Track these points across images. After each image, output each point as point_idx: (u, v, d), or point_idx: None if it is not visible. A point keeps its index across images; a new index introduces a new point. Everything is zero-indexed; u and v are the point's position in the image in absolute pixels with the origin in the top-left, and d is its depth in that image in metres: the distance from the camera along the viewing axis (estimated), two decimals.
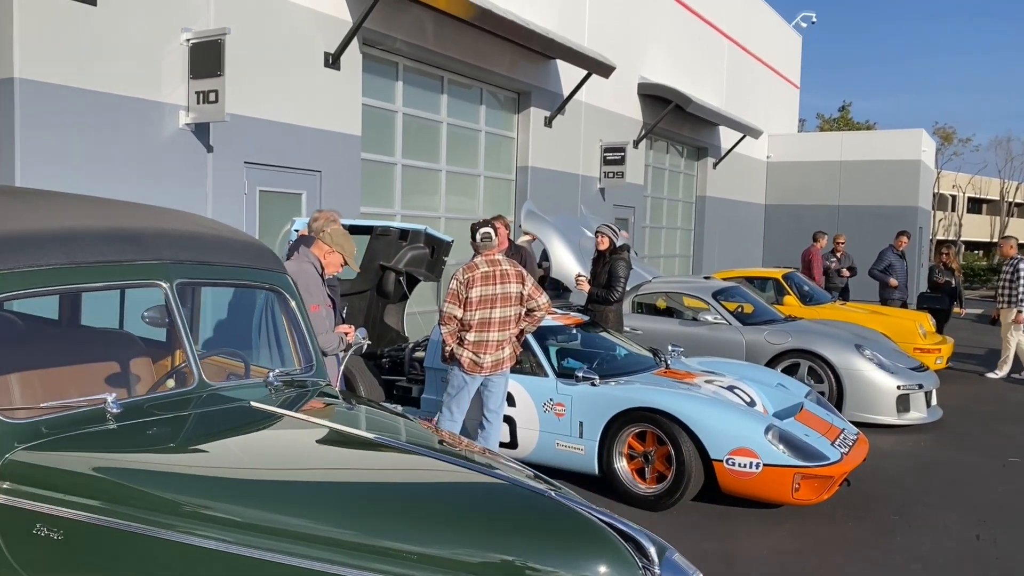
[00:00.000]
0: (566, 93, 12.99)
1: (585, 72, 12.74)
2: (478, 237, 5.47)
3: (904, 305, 11.88)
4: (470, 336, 5.34)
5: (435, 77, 11.09)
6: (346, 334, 4.72)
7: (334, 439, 2.64)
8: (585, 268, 8.44)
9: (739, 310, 9.11)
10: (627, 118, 15.39)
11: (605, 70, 12.78)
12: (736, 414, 5.12)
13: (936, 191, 45.91)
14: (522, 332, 5.57)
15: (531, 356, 5.81)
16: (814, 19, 26.22)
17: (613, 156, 14.54)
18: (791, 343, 7.97)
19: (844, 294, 13.23)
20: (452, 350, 5.40)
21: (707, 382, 5.80)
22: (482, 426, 5.53)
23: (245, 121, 8.07)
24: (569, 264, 8.93)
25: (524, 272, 5.51)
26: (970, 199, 56.66)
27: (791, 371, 7.94)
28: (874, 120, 44.68)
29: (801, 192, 23.12)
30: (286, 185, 8.69)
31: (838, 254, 13.22)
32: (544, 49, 11.50)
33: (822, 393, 7.72)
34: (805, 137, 24.82)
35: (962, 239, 51.51)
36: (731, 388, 5.72)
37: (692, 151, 19.58)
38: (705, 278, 9.35)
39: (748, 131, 19.35)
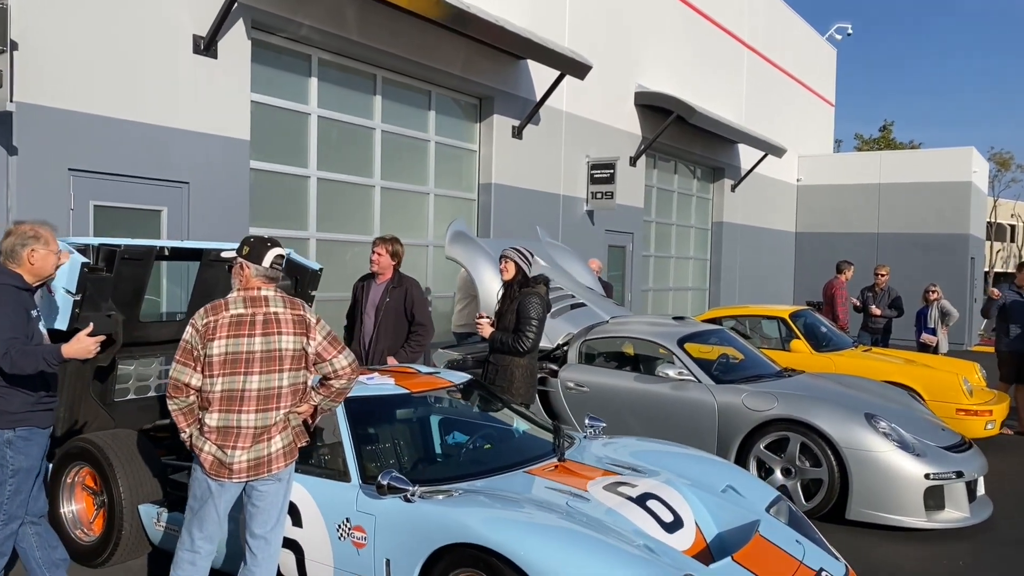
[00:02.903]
0: (539, 98, 11.08)
1: (557, 73, 10.82)
2: (266, 261, 3.53)
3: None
4: (211, 419, 3.38)
5: (365, 75, 9.26)
6: None
7: None
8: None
9: (722, 360, 7.01)
10: (621, 131, 13.40)
11: (580, 70, 10.85)
12: (620, 561, 3.04)
13: (993, 220, 42.92)
14: (316, 411, 3.60)
15: (336, 446, 3.83)
16: (850, 31, 24.05)
17: (601, 174, 12.54)
18: (777, 410, 5.80)
19: (884, 336, 10.88)
20: (189, 440, 3.46)
21: (608, 487, 3.75)
22: (245, 560, 3.55)
23: (70, 117, 6.31)
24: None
25: (310, 318, 3.55)
26: None
27: (777, 448, 5.81)
28: (919, 142, 41.56)
29: (836, 218, 20.82)
30: (137, 199, 6.88)
31: (878, 288, 10.87)
32: (498, 42, 9.62)
33: (818, 482, 5.58)
34: (840, 158, 22.44)
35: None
36: (644, 499, 3.66)
37: (706, 171, 17.46)
38: (675, 319, 7.24)
39: (770, 149, 17.18)
